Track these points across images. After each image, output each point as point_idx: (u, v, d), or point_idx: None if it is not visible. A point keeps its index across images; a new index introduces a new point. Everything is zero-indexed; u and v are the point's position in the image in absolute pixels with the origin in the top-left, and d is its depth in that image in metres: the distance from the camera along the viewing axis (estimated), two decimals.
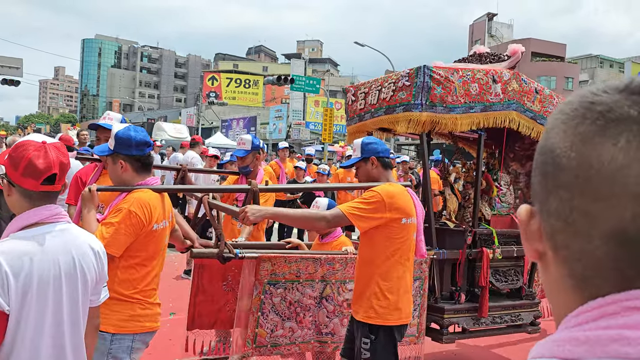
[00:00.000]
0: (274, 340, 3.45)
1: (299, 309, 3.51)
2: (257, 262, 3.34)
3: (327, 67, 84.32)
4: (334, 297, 3.58)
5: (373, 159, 3.09)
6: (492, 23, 55.44)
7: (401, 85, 3.92)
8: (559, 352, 0.50)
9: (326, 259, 3.54)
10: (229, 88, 53.60)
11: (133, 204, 2.53)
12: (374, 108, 4.20)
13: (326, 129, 26.52)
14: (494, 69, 4.14)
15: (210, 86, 52.48)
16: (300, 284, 3.49)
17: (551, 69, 48.56)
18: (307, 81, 29.39)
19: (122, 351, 2.52)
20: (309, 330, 3.55)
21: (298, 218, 3.35)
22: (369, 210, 2.89)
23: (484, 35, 54.63)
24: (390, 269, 2.94)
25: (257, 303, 3.37)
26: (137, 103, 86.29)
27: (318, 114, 40.51)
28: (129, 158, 2.65)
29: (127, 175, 2.67)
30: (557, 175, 0.53)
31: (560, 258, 0.54)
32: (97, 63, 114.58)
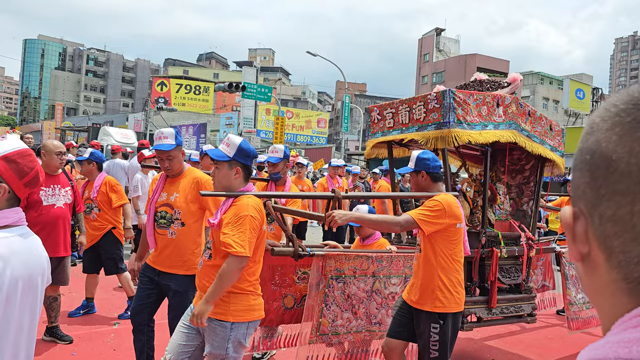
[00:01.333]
0: (334, 329, 3.97)
1: (354, 301, 4.04)
2: (324, 259, 3.88)
3: (279, 76, 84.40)
4: (382, 291, 4.17)
5: (423, 172, 3.59)
6: (440, 38, 57.05)
7: (432, 107, 4.52)
8: (625, 353, 0.49)
9: (376, 256, 4.13)
10: (179, 94, 52.70)
11: (251, 210, 2.93)
12: (405, 126, 4.84)
13: (277, 137, 26.52)
14: (499, 94, 4.77)
15: (159, 92, 51.43)
16: (355, 279, 4.04)
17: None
18: (258, 89, 29.33)
19: (240, 337, 2.95)
20: (362, 320, 4.08)
21: (378, 222, 3.70)
22: (433, 216, 3.37)
23: (432, 49, 56.11)
24: (450, 266, 3.44)
25: (322, 296, 3.90)
26: (82, 107, 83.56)
27: (269, 122, 40.46)
28: (244, 167, 3.09)
29: (237, 182, 3.08)
30: (614, 181, 0.52)
31: (614, 262, 0.54)
32: (39, 64, 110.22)
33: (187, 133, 40.98)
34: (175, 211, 3.73)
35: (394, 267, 4.22)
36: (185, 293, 3.67)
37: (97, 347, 4.85)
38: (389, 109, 4.99)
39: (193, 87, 53.67)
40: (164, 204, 3.77)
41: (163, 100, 47.18)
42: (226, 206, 3.01)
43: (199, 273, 3.10)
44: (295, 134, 44.98)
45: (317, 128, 46.34)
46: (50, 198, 4.72)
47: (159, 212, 3.76)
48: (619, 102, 0.55)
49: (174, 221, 3.73)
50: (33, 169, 1.73)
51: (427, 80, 55.49)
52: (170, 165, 3.79)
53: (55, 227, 4.71)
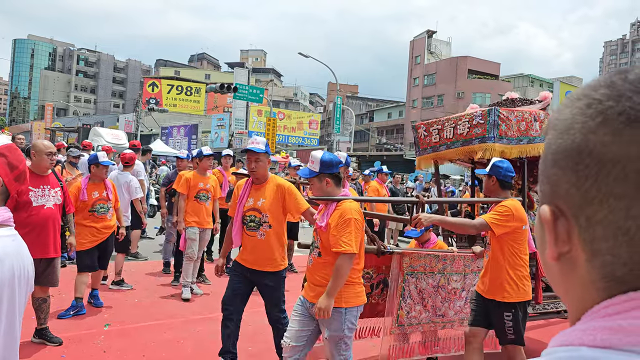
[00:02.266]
0: (409, 320, 4.48)
1: (424, 295, 4.53)
2: (401, 257, 4.41)
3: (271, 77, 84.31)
4: (445, 286, 4.65)
5: (494, 177, 4.05)
6: (432, 40, 57.23)
7: (476, 122, 4.99)
8: (589, 340, 0.51)
9: (442, 255, 4.63)
10: (170, 95, 52.47)
11: (354, 214, 3.45)
12: (450, 141, 5.29)
13: (269, 138, 26.46)
14: (535, 111, 5.20)
15: (150, 92, 51.17)
16: (425, 275, 4.53)
17: (486, 86, 50.57)
18: (250, 90, 29.26)
19: (352, 319, 3.50)
20: (429, 313, 4.57)
21: (456, 224, 4.16)
22: (504, 220, 3.85)
23: (423, 51, 56.27)
24: (516, 262, 3.94)
25: (400, 290, 4.41)
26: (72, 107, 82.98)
27: (261, 124, 40.38)
28: (331, 175, 3.58)
29: (331, 189, 3.59)
30: (608, 184, 0.51)
31: (598, 263, 0.53)
32: (29, 64, 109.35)
33: (178, 134, 40.82)
34: (263, 215, 4.23)
35: (455, 265, 4.70)
36: (277, 288, 4.32)
37: (87, 349, 4.81)
38: (435, 126, 5.52)
39: (184, 88, 53.47)
40: (251, 208, 4.26)
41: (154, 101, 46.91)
42: (330, 210, 3.52)
43: (310, 268, 3.62)
44: (287, 135, 44.93)
45: (308, 129, 46.33)
46: (40, 199, 4.67)
47: (248, 216, 4.27)
48: (602, 97, 0.53)
49: (262, 224, 4.23)
50: (22, 162, 1.73)
51: (418, 82, 55.63)
52: (256, 167, 4.26)
53: (45, 228, 4.66)
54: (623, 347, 0.49)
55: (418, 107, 54.45)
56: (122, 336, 5.18)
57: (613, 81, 0.53)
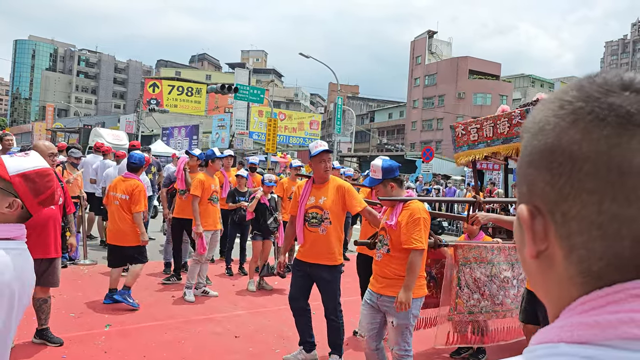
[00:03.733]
0: (469, 308, 4.66)
1: (480, 284, 4.71)
2: (455, 248, 4.68)
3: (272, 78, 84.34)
4: (498, 275, 4.82)
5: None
6: (432, 40, 57.23)
7: (516, 122, 5.19)
8: (567, 337, 0.52)
9: (490, 246, 4.83)
10: (171, 95, 52.48)
11: (422, 213, 3.82)
12: (489, 140, 5.51)
13: (270, 139, 26.46)
14: None
15: (151, 93, 51.18)
16: (478, 265, 4.72)
17: (487, 86, 50.56)
18: (251, 91, 29.26)
19: (416, 308, 3.84)
20: (487, 301, 4.74)
21: (509, 222, 4.30)
22: None
23: (424, 52, 56.28)
24: None
25: (456, 279, 4.63)
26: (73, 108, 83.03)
27: (262, 124, 40.38)
28: (394, 180, 3.99)
29: (395, 192, 4.00)
30: (579, 180, 0.53)
31: (575, 258, 0.55)
32: (30, 65, 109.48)
33: (179, 135, 40.82)
34: (324, 212, 4.55)
35: (503, 255, 4.86)
36: (334, 281, 4.62)
37: (88, 349, 4.81)
38: (474, 125, 5.75)
39: (185, 88, 53.49)
40: (313, 206, 4.59)
41: (155, 101, 46.98)
42: (398, 210, 3.87)
43: (380, 263, 3.94)
44: (287, 135, 44.94)
45: (309, 130, 46.33)
46: None
47: (310, 213, 4.59)
48: (573, 98, 0.55)
49: (324, 220, 4.56)
50: (49, 189, 1.74)
51: (419, 83, 55.62)
52: (328, 167, 4.65)
53: (45, 228, 4.66)
54: (599, 342, 0.50)
55: (419, 108, 54.45)
56: (122, 337, 5.18)
57: (582, 84, 0.56)
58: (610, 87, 0.54)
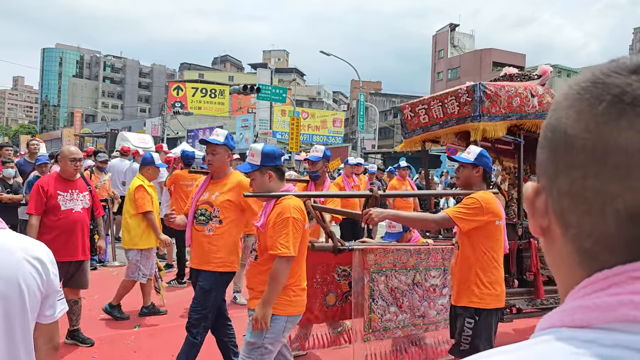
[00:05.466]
0: (384, 324, 4.04)
1: (398, 294, 4.10)
2: (363, 254, 3.96)
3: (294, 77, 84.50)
4: (422, 284, 4.23)
5: (480, 168, 3.60)
6: (455, 33, 56.62)
7: (464, 100, 4.67)
8: (569, 320, 0.53)
9: (414, 249, 4.25)
10: (195, 98, 53.04)
11: (293, 212, 3.11)
12: (442, 120, 4.96)
13: (293, 137, 26.54)
14: (531, 86, 4.81)
15: (175, 96, 51.81)
16: (396, 272, 4.11)
17: None
18: (273, 90, 29.38)
19: (278, 329, 3.10)
20: (406, 314, 4.15)
21: (413, 219, 3.88)
22: (470, 214, 3.40)
23: (446, 45, 55.71)
24: (488, 263, 3.47)
25: (368, 291, 3.97)
26: (100, 113, 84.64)
27: (285, 123, 40.51)
28: (274, 168, 3.26)
29: (273, 184, 3.26)
30: (570, 156, 0.55)
31: (569, 235, 0.56)
32: (58, 73, 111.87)
33: (204, 136, 41.20)
34: (214, 209, 3.91)
35: (432, 259, 4.32)
36: (212, 290, 3.83)
37: (118, 349, 4.89)
38: (421, 106, 5.13)
39: (209, 90, 54.00)
40: (204, 202, 3.96)
41: (179, 104, 47.51)
42: (269, 208, 3.20)
43: (247, 273, 3.38)
44: (311, 134, 44.99)
45: (332, 128, 46.31)
46: (69, 203, 4.77)
47: (199, 209, 3.96)
48: (581, 81, 0.57)
49: (212, 218, 3.91)
50: None
51: (442, 77, 55.11)
52: (212, 160, 3.98)
53: (73, 232, 4.75)
54: (600, 325, 0.51)
55: None
56: (151, 336, 5.26)
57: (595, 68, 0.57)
58: (618, 70, 0.55)
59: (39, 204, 4.63)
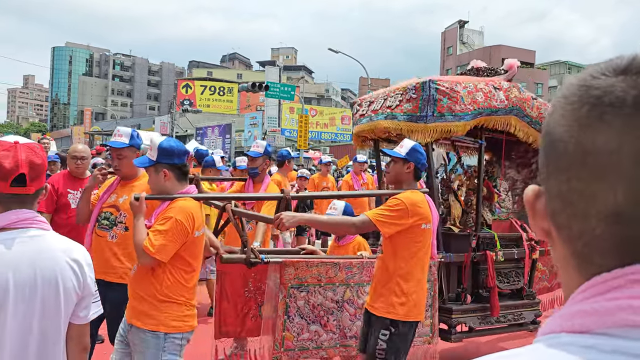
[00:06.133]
0: (301, 344, 3.60)
1: (322, 312, 3.66)
2: (281, 267, 3.53)
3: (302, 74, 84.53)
4: (354, 301, 3.76)
5: (412, 165, 3.29)
6: (464, 30, 56.36)
7: (408, 97, 4.19)
8: (568, 325, 0.52)
9: (345, 263, 3.74)
10: (203, 96, 53.22)
11: (179, 213, 2.74)
12: (374, 113, 4.45)
13: (301, 135, 26.54)
14: (493, 80, 4.46)
15: (184, 94, 52.00)
16: (322, 288, 3.65)
17: (521, 75, 49.47)
18: (282, 88, 29.40)
19: (174, 348, 2.79)
20: (334, 334, 3.70)
21: (330, 223, 3.55)
22: (394, 216, 3.10)
23: (455, 42, 55.46)
24: (411, 270, 3.18)
25: (283, 307, 3.53)
26: (110, 111, 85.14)
27: (293, 121, 40.52)
28: (171, 167, 2.87)
29: (170, 184, 2.88)
30: (556, 159, 0.56)
31: (563, 238, 0.57)
32: (67, 71, 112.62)
33: (212, 134, 41.33)
34: (120, 214, 3.55)
35: (366, 274, 3.77)
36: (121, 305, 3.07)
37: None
38: (368, 99, 4.68)
39: (217, 88, 54.16)
40: (110, 205, 3.60)
41: (188, 102, 47.71)
42: (160, 210, 2.85)
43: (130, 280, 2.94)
44: (319, 131, 44.98)
45: (341, 125, 46.26)
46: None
47: (103, 213, 3.60)
48: (572, 84, 0.57)
49: (117, 224, 3.55)
50: None
51: (451, 74, 54.86)
52: (119, 165, 3.60)
53: (83, 230, 4.77)
54: (598, 330, 0.50)
55: None
56: None
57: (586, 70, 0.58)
58: (606, 71, 0.55)
59: (50, 202, 4.65)
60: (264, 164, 4.93)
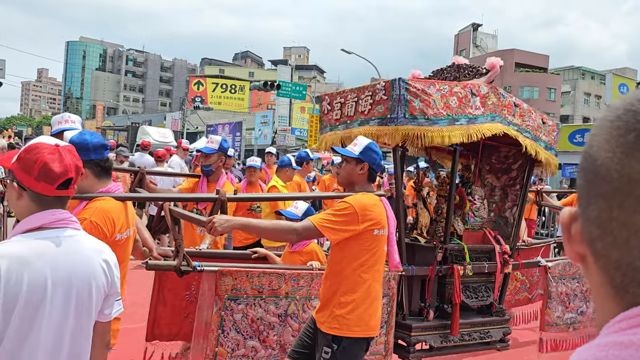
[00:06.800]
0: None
1: (262, 326, 3.29)
2: (217, 276, 3.16)
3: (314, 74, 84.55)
4: (299, 315, 3.38)
5: (366, 165, 3.01)
6: (477, 33, 56.13)
7: (379, 98, 3.87)
8: (602, 356, 0.50)
9: (291, 274, 3.35)
10: (215, 93, 53.37)
11: (94, 214, 2.43)
12: (350, 119, 4.14)
13: (312, 135, 26.55)
14: (471, 84, 4.11)
15: (195, 91, 52.19)
16: (263, 300, 3.28)
17: (534, 79, 49.22)
18: (293, 87, 29.45)
19: None
20: (274, 350, 3.33)
21: (268, 230, 3.11)
22: (341, 222, 2.81)
23: (469, 45, 55.23)
24: (359, 280, 2.87)
25: (217, 320, 3.16)
26: (122, 106, 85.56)
27: (304, 120, 40.55)
28: (87, 163, 2.47)
29: (87, 182, 2.54)
30: (598, 185, 0.54)
31: (600, 265, 0.55)
32: (81, 66, 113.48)
33: (223, 131, 41.47)
34: None
35: (315, 286, 3.39)
36: None
37: (136, 342, 4.95)
38: (339, 98, 4.31)
39: (229, 86, 54.28)
40: None
41: (200, 99, 47.89)
42: (77, 211, 2.57)
43: None
44: None
45: None
46: None
47: None
48: (618, 107, 0.55)
49: None
50: (37, 162, 1.65)
51: None
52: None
53: None
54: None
55: None
56: None
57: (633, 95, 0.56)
58: None
59: None
60: (219, 161, 4.60)
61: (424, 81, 3.93)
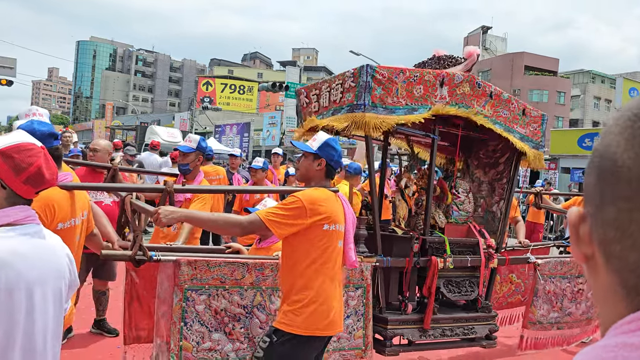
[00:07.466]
0: (202, 354, 3.12)
1: (226, 318, 3.18)
2: (174, 266, 3.06)
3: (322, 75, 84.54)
4: (266, 306, 3.28)
5: (323, 161, 2.94)
6: (487, 36, 55.97)
7: (348, 86, 3.83)
8: (611, 357, 0.50)
9: (254, 264, 3.25)
10: (224, 93, 53.49)
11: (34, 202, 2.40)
12: (325, 109, 4.10)
13: None
14: (445, 72, 4.05)
15: (204, 91, 52.35)
16: (226, 291, 3.17)
17: (544, 83, 48.97)
18: None
19: None
20: (242, 343, 3.22)
21: (212, 222, 3.02)
22: (288, 216, 2.73)
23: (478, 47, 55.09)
24: (311, 277, 2.77)
25: (179, 312, 3.05)
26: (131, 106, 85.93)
27: None
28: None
29: None
30: (617, 187, 0.53)
31: (612, 267, 0.54)
32: (91, 65, 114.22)
33: (231, 132, 41.57)
34: None
35: None
36: None
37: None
38: (315, 90, 4.27)
39: (237, 86, 54.40)
40: None
41: (208, 99, 48.00)
42: None
43: None
44: None
45: None
46: (98, 195, 4.87)
47: None
48: (635, 106, 0.55)
49: None
50: (32, 165, 1.59)
51: None
52: None
53: None
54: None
55: None
56: None
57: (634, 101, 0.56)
58: None
59: None
60: (197, 160, 4.60)
61: (393, 69, 3.84)
